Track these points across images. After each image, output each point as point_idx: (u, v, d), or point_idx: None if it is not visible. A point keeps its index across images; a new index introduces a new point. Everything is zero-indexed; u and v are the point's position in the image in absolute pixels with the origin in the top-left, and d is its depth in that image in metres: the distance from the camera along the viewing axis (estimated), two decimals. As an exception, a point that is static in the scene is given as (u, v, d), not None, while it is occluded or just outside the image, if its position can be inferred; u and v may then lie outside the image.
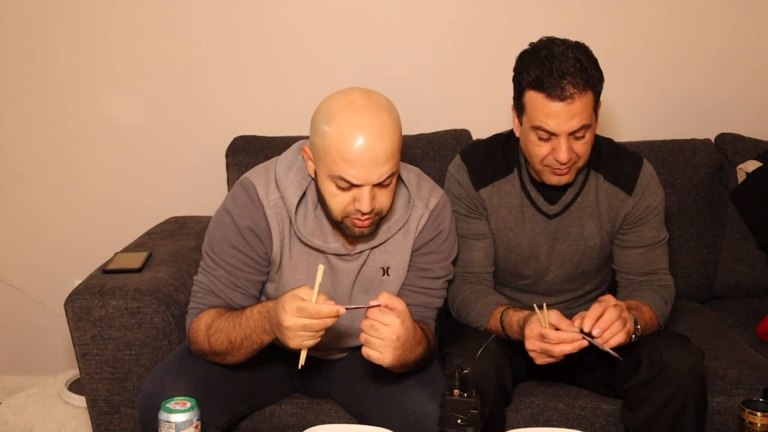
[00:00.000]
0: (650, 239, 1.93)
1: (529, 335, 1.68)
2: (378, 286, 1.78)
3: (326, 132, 1.57)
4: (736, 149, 2.49)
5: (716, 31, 2.60)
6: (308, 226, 1.72)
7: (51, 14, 2.58)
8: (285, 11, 2.58)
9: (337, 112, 1.57)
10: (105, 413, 1.96)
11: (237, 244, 1.71)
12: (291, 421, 1.90)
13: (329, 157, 1.56)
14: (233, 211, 1.72)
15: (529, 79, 1.75)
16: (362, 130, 1.54)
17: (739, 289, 2.49)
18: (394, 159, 1.59)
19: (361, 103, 1.57)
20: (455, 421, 1.48)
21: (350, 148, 1.54)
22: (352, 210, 1.61)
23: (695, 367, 1.74)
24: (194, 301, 1.76)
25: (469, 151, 2.01)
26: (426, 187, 1.79)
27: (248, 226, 1.70)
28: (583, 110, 1.73)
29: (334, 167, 1.56)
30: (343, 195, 1.60)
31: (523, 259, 1.96)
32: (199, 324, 1.70)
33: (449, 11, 2.59)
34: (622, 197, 1.91)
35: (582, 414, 1.92)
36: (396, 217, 1.75)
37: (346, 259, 1.75)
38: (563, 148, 1.75)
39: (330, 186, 1.60)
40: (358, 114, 1.56)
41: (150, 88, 2.64)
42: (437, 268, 1.82)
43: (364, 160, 1.54)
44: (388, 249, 1.77)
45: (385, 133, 1.56)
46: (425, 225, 1.77)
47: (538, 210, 1.93)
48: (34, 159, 2.69)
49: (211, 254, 1.75)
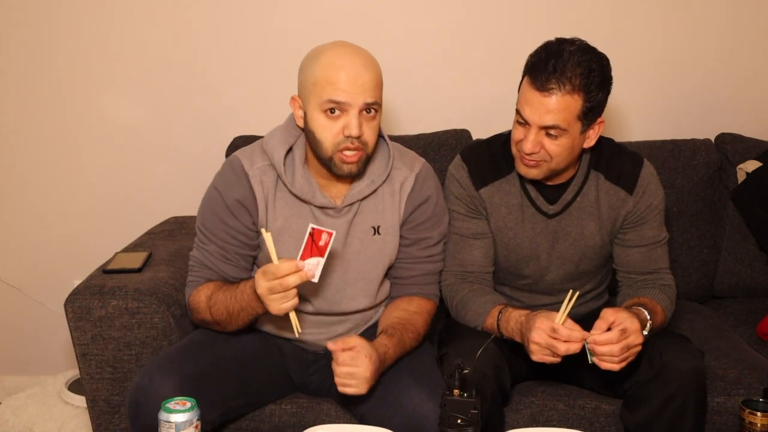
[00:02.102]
0: (651, 238, 1.93)
1: (540, 327, 1.68)
2: (370, 245, 1.84)
3: (315, 67, 1.72)
4: (736, 149, 2.49)
5: (716, 31, 2.60)
6: (297, 181, 1.81)
7: (51, 14, 2.58)
8: (285, 11, 2.58)
9: (324, 50, 1.74)
10: (105, 413, 1.96)
11: (225, 218, 1.82)
12: (291, 420, 1.90)
13: (319, 86, 1.70)
14: (220, 186, 1.84)
15: (529, 64, 1.78)
16: (349, 58, 1.71)
17: (739, 289, 2.49)
18: (378, 90, 1.75)
19: (346, 43, 1.76)
20: (455, 421, 1.48)
21: (338, 73, 1.69)
22: (342, 139, 1.72)
23: (695, 367, 1.74)
24: (191, 275, 1.87)
25: (469, 151, 2.01)
26: (409, 154, 1.92)
27: (235, 198, 1.81)
28: (561, 111, 1.73)
29: (324, 93, 1.70)
30: (333, 124, 1.72)
31: (523, 259, 1.96)
32: (200, 296, 1.81)
33: (449, 11, 2.59)
34: (623, 196, 1.91)
35: (582, 414, 1.92)
36: (378, 170, 1.85)
37: (332, 214, 1.82)
38: (530, 138, 1.78)
39: (320, 118, 1.72)
40: (344, 48, 1.74)
41: (150, 88, 2.64)
42: (435, 234, 1.92)
43: (350, 82, 1.69)
44: (378, 208, 1.85)
45: (368, 64, 1.73)
46: (413, 188, 1.86)
47: (537, 210, 1.93)
48: (34, 159, 2.69)
49: (203, 229, 1.86)
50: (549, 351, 1.68)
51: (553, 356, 1.69)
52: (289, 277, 1.59)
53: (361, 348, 1.65)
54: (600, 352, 1.65)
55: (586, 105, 1.75)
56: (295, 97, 1.80)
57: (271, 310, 1.63)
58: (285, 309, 1.63)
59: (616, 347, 1.64)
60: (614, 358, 1.65)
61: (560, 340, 1.66)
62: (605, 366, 1.67)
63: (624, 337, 1.64)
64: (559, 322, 1.67)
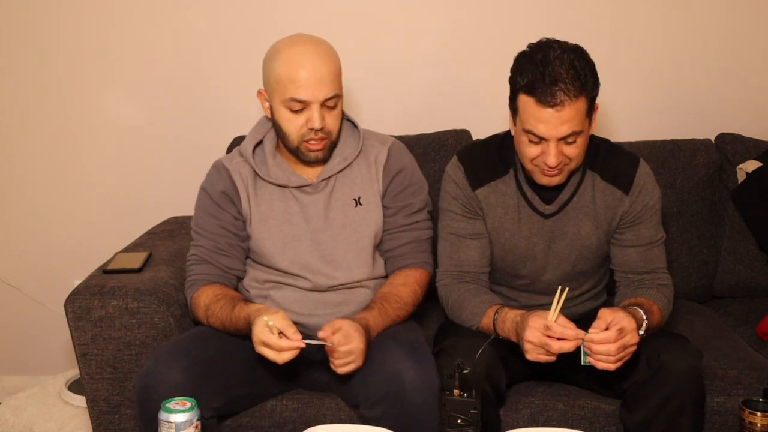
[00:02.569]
0: (648, 238, 1.93)
1: (533, 325, 1.68)
2: (354, 216, 1.93)
3: (275, 65, 1.82)
4: (736, 149, 2.49)
5: (716, 31, 2.60)
6: (270, 169, 1.92)
7: (51, 14, 2.58)
8: (285, 11, 2.58)
9: (282, 47, 1.84)
10: (105, 413, 1.96)
11: (214, 212, 1.94)
12: (292, 416, 1.90)
13: (281, 85, 1.81)
14: (206, 185, 1.98)
15: (522, 83, 1.75)
16: (307, 56, 1.81)
17: (739, 289, 2.49)
18: (337, 82, 1.84)
19: (302, 38, 1.85)
20: (455, 421, 1.48)
21: (298, 71, 1.79)
22: (306, 132, 1.83)
23: (693, 367, 1.74)
24: (190, 273, 1.94)
25: (465, 151, 2.02)
26: (380, 134, 2.03)
27: (220, 190, 1.93)
28: (574, 117, 1.73)
29: (286, 91, 1.80)
30: (297, 118, 1.83)
31: (519, 259, 1.96)
32: (199, 302, 1.89)
33: (449, 11, 2.59)
34: (619, 196, 1.91)
35: (582, 414, 1.92)
36: (349, 148, 1.95)
37: (309, 191, 1.92)
38: (552, 153, 1.76)
39: (285, 113, 1.83)
40: (301, 45, 1.83)
41: (150, 88, 2.64)
42: (417, 201, 1.99)
43: (310, 80, 1.79)
44: (356, 181, 1.94)
45: (326, 57, 1.83)
46: (387, 159, 1.96)
47: (534, 210, 1.93)
48: (34, 159, 2.69)
49: (196, 228, 1.97)
50: (543, 350, 1.68)
51: (548, 355, 1.68)
52: (286, 353, 1.67)
53: (348, 325, 1.72)
54: (597, 351, 1.65)
55: (589, 100, 1.76)
56: (261, 91, 1.91)
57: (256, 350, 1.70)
58: (271, 358, 1.68)
59: (613, 347, 1.64)
60: (611, 357, 1.65)
61: (554, 338, 1.66)
62: (601, 366, 1.67)
63: (621, 336, 1.65)
64: (552, 319, 1.67)
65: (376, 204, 1.94)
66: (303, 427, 1.79)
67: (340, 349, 1.70)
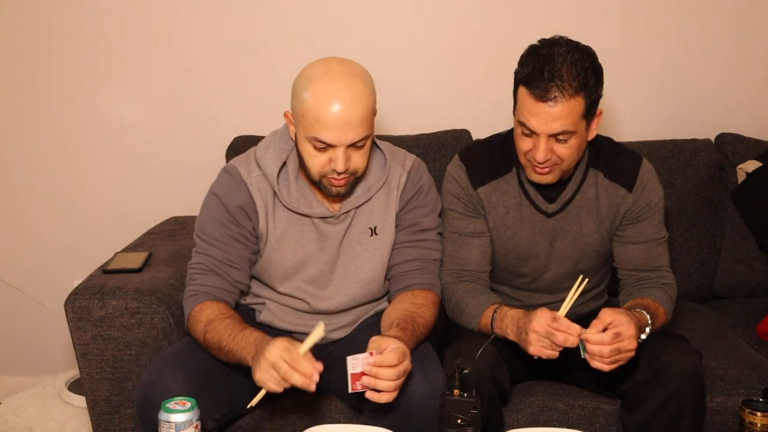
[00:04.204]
0: (650, 235, 1.93)
1: (541, 315, 1.67)
2: (368, 245, 1.86)
3: (304, 97, 1.69)
4: (736, 149, 2.49)
5: (716, 31, 2.60)
6: (292, 195, 1.83)
7: (50, 14, 2.58)
8: (285, 11, 2.58)
9: (315, 78, 1.70)
10: (105, 413, 1.96)
11: (226, 222, 1.81)
12: (291, 417, 1.90)
13: (307, 121, 1.69)
14: (219, 192, 1.83)
15: (522, 75, 1.77)
16: (337, 96, 1.67)
17: (739, 289, 2.49)
18: (367, 123, 1.72)
19: (337, 70, 1.70)
20: (455, 421, 1.48)
21: (326, 113, 1.66)
22: (328, 170, 1.73)
23: (692, 368, 1.74)
24: (193, 284, 1.81)
25: (467, 150, 2.02)
26: (399, 152, 1.93)
27: (236, 204, 1.81)
28: (567, 116, 1.73)
29: (311, 130, 1.69)
30: (320, 156, 1.72)
31: (521, 258, 1.96)
32: (201, 316, 1.75)
33: (449, 11, 2.59)
34: (623, 194, 1.91)
35: (582, 414, 1.92)
36: (375, 178, 1.86)
37: (331, 222, 1.85)
38: (541, 148, 1.77)
39: (308, 147, 1.72)
40: (333, 81, 1.68)
41: (150, 88, 2.64)
42: (426, 221, 1.92)
43: (338, 123, 1.67)
44: (374, 209, 1.87)
45: (358, 99, 1.68)
46: (405, 183, 1.88)
47: (536, 209, 1.93)
48: (34, 159, 2.69)
49: (203, 236, 1.84)
50: (547, 342, 1.67)
51: (551, 349, 1.67)
52: (296, 375, 1.52)
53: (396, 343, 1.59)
54: (590, 350, 1.65)
55: (587, 102, 1.75)
56: (287, 113, 1.80)
57: (256, 376, 1.56)
58: (267, 388, 1.56)
59: (606, 349, 1.64)
60: (604, 359, 1.65)
61: (560, 329, 1.65)
62: (595, 365, 1.66)
63: (617, 340, 1.64)
64: (565, 309, 1.69)
65: (391, 232, 1.88)
66: (303, 428, 1.79)
67: (400, 367, 1.55)
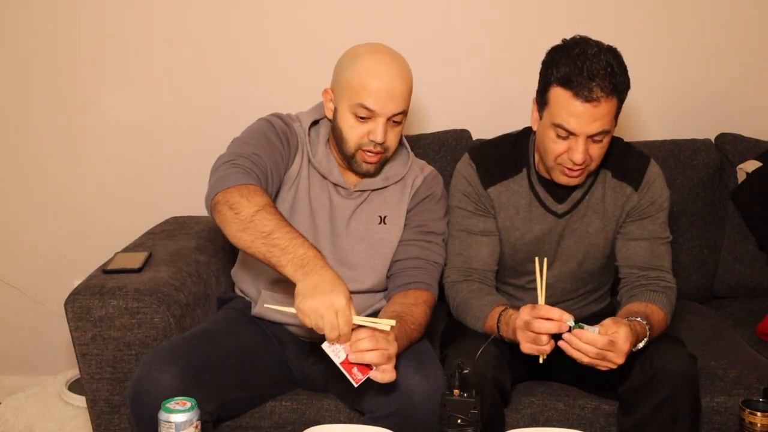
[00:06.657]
0: (653, 232, 1.92)
1: (522, 309, 1.67)
2: (375, 233, 1.91)
3: (353, 67, 1.80)
4: (736, 149, 2.49)
5: (716, 31, 2.60)
6: (318, 155, 1.90)
7: (50, 14, 2.58)
8: (286, 11, 2.58)
9: (363, 53, 1.82)
10: (105, 413, 1.96)
11: (271, 136, 1.85)
12: (291, 417, 1.90)
13: (352, 89, 1.79)
14: (270, 118, 1.90)
15: (558, 75, 1.74)
16: (385, 67, 1.79)
17: (739, 289, 2.49)
18: (407, 100, 1.83)
19: (384, 50, 1.84)
20: (455, 421, 1.48)
21: (373, 80, 1.77)
22: (366, 141, 1.81)
23: (686, 372, 1.73)
24: (235, 165, 1.73)
25: (477, 149, 2.01)
26: (421, 161, 2.05)
27: (284, 131, 1.87)
28: (606, 115, 1.73)
29: (357, 97, 1.78)
30: (360, 127, 1.81)
31: (529, 257, 1.96)
32: (254, 194, 1.64)
33: (449, 12, 2.59)
34: (629, 192, 1.91)
35: (582, 414, 1.92)
36: (394, 170, 1.94)
37: (342, 194, 1.91)
38: (580, 150, 1.75)
39: (349, 119, 1.81)
40: (382, 56, 1.81)
41: (150, 88, 2.64)
42: (432, 224, 1.96)
43: (382, 92, 1.77)
44: (387, 199, 1.93)
45: (402, 73, 1.81)
46: (420, 186, 1.96)
47: (546, 209, 1.93)
48: (34, 159, 2.69)
49: (242, 143, 1.82)
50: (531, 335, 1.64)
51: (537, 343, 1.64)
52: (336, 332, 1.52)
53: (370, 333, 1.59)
54: (576, 345, 1.63)
55: (620, 101, 1.76)
56: (327, 90, 1.89)
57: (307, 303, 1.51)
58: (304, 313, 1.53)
59: (593, 350, 1.63)
60: (584, 356, 1.64)
61: (541, 316, 1.62)
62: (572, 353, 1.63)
63: (607, 348, 1.62)
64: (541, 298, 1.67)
65: (399, 226, 1.93)
66: (302, 428, 1.79)
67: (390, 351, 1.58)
